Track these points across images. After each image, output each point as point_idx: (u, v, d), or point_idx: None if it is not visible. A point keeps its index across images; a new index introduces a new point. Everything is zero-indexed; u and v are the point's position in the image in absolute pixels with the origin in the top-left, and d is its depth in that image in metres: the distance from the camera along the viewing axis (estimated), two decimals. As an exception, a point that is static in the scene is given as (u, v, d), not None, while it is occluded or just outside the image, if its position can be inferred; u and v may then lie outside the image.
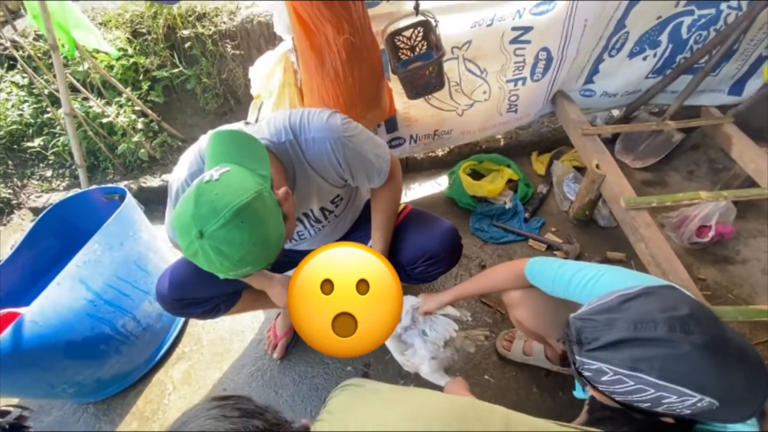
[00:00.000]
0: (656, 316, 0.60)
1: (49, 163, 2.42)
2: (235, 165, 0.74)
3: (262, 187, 0.73)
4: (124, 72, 2.26)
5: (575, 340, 0.66)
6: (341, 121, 0.91)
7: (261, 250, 0.71)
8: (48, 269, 1.59)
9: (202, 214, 0.67)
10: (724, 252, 1.65)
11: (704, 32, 1.72)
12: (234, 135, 0.81)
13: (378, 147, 1.00)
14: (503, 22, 1.49)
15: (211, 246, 0.68)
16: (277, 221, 0.74)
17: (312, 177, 0.95)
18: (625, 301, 0.64)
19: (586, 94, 1.94)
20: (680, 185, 1.92)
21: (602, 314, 0.65)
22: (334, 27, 1.08)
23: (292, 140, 0.89)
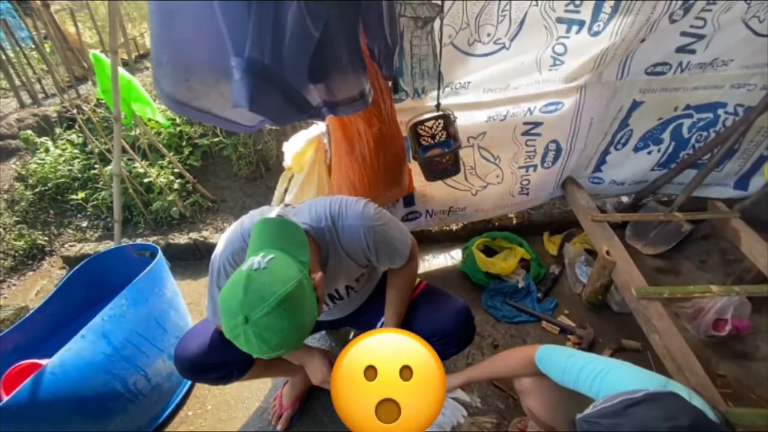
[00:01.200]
0: (658, 426, 0.62)
1: (87, 214, 2.60)
2: (279, 251, 0.82)
3: (302, 274, 0.80)
4: (169, 138, 2.50)
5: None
6: (374, 211, 1.02)
7: (297, 335, 0.77)
8: (72, 319, 1.65)
9: (250, 302, 0.74)
10: (742, 347, 1.61)
11: (705, 132, 1.84)
12: (279, 223, 0.90)
13: (402, 233, 1.10)
14: (515, 117, 1.66)
15: (254, 332, 0.74)
16: (313, 307, 0.81)
17: (343, 258, 1.04)
18: (629, 406, 0.66)
19: (595, 182, 2.05)
20: (693, 274, 1.93)
21: (607, 418, 0.66)
22: (365, 122, 1.23)
23: (330, 226, 0.99)
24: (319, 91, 0.69)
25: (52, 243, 2.52)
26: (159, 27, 0.56)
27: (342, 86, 0.72)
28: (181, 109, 0.63)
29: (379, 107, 1.23)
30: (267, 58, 0.53)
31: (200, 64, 0.57)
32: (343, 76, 0.69)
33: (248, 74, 0.52)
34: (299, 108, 0.66)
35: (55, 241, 2.53)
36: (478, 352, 1.67)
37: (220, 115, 0.69)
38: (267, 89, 0.55)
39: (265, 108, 0.57)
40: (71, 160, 2.67)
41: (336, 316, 1.28)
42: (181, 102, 0.62)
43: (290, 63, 0.55)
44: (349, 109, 0.77)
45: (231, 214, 2.50)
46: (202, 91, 0.61)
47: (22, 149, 2.85)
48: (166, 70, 0.60)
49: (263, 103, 0.55)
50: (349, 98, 0.76)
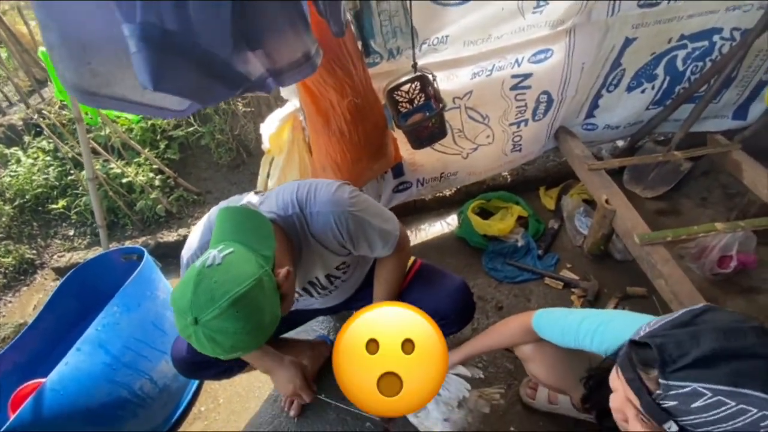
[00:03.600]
0: (741, 326, 0.55)
1: (72, 222, 2.52)
2: (239, 245, 0.76)
3: (263, 271, 0.74)
4: (143, 134, 2.39)
5: (658, 361, 0.57)
6: (348, 195, 0.93)
7: (253, 338, 0.72)
8: (68, 332, 1.62)
9: (199, 302, 0.69)
10: (749, 282, 1.59)
11: (700, 63, 1.75)
12: (241, 212, 0.83)
13: (385, 221, 1.00)
14: (502, 71, 1.55)
15: (205, 333, 0.69)
16: (273, 306, 0.75)
17: (316, 247, 0.96)
18: (696, 316, 0.59)
19: (589, 128, 1.97)
20: (694, 213, 1.89)
21: (680, 328, 0.58)
22: (337, 92, 1.14)
23: (299, 213, 0.91)
24: (260, 58, 0.60)
25: (42, 255, 2.46)
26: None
27: (282, 49, 0.61)
28: (91, 100, 0.54)
29: (350, 74, 1.14)
30: (168, 23, 0.43)
31: (99, 41, 0.47)
32: (280, 37, 0.59)
33: (145, 44, 0.42)
34: (230, 82, 0.56)
35: (44, 253, 2.47)
36: (483, 316, 1.65)
37: (140, 101, 0.59)
38: (175, 62, 0.45)
39: (177, 86, 0.47)
40: (45, 169, 2.56)
41: (332, 303, 1.24)
42: (89, 91, 0.53)
43: (203, 27, 0.45)
44: (296, 75, 0.68)
45: (217, 205, 2.42)
46: (109, 74, 0.52)
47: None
48: (60, 53, 0.49)
49: (173, 79, 0.46)
50: (293, 62, 0.66)
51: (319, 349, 1.54)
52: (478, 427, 1.21)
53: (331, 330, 1.73)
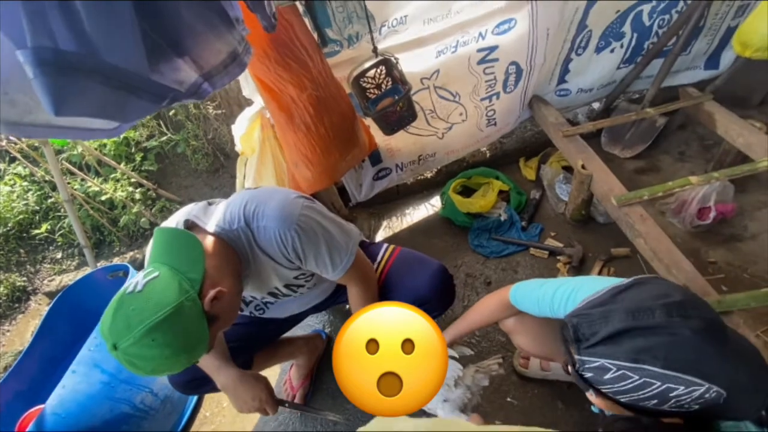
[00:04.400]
0: (652, 304, 0.59)
1: (58, 245, 2.51)
2: (166, 267, 0.76)
3: (185, 296, 0.74)
4: (116, 148, 2.35)
5: (573, 338, 0.64)
6: (299, 212, 0.90)
7: (175, 362, 0.73)
8: (64, 356, 1.62)
9: (117, 329, 0.70)
10: (730, 230, 1.61)
11: (666, 16, 1.72)
12: (172, 234, 0.83)
13: (335, 242, 0.96)
14: (467, 46, 1.53)
15: (125, 358, 0.71)
16: (197, 330, 0.76)
17: (265, 260, 0.95)
18: (618, 293, 0.63)
19: (562, 94, 1.95)
20: (673, 168, 1.90)
21: (597, 308, 0.63)
22: (295, 86, 1.12)
23: (244, 227, 0.90)
24: (189, 64, 0.58)
25: (32, 281, 2.45)
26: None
27: (204, 52, 0.59)
28: (15, 130, 0.52)
29: (307, 67, 1.11)
30: (63, 43, 0.41)
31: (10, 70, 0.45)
32: (199, 39, 0.57)
33: (41, 69, 0.40)
34: (149, 95, 0.54)
35: (35, 278, 2.46)
36: (473, 293, 1.67)
37: (66, 125, 0.57)
38: (79, 83, 0.42)
39: (86, 107, 0.45)
40: (24, 194, 2.53)
41: (312, 304, 1.24)
42: (11, 122, 0.51)
43: (105, 42, 0.43)
44: (224, 77, 0.65)
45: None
46: (29, 102, 0.49)
47: (-30, 194, 2.69)
48: None
49: (81, 101, 0.43)
50: (219, 65, 0.64)
51: (315, 343, 1.56)
52: (479, 401, 1.24)
53: (325, 323, 1.75)
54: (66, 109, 0.42)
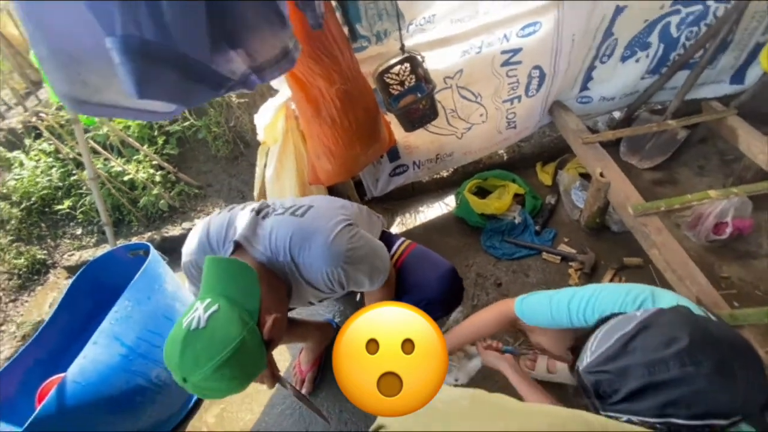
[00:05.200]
0: (664, 355, 0.60)
1: (79, 222, 2.57)
2: (224, 299, 0.80)
3: (247, 328, 0.79)
4: (140, 130, 2.41)
5: (594, 395, 0.65)
6: (345, 248, 0.93)
7: (241, 388, 0.81)
8: (83, 328, 1.68)
9: (186, 366, 0.76)
10: (745, 247, 1.61)
11: (695, 28, 1.72)
12: (226, 265, 0.87)
13: (376, 269, 1.02)
14: (492, 47, 1.54)
15: (195, 389, 0.77)
16: (259, 359, 0.82)
17: (306, 287, 1.01)
18: (627, 343, 0.64)
19: (584, 101, 1.95)
20: (692, 181, 1.89)
21: (611, 363, 0.64)
22: (325, 79, 1.14)
23: (289, 261, 0.95)
24: (242, 56, 0.62)
25: (52, 255, 2.52)
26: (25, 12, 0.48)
27: (260, 47, 0.63)
28: (83, 109, 0.57)
29: (337, 61, 1.14)
30: (147, 33, 0.45)
31: (86, 52, 0.49)
32: (257, 35, 0.60)
33: (128, 55, 0.45)
34: (211, 83, 0.58)
35: (55, 252, 2.53)
36: (483, 293, 1.69)
37: (130, 107, 0.61)
38: (158, 69, 0.47)
39: (162, 92, 0.49)
40: (48, 170, 2.60)
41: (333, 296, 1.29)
42: (80, 100, 0.55)
43: (180, 33, 0.47)
44: (275, 71, 0.69)
45: (219, 197, 2.46)
46: (100, 83, 0.54)
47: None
48: (51, 64, 0.52)
49: (158, 86, 0.48)
50: (272, 59, 0.68)
51: (325, 330, 1.60)
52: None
53: (336, 313, 1.79)
54: (147, 93, 0.45)
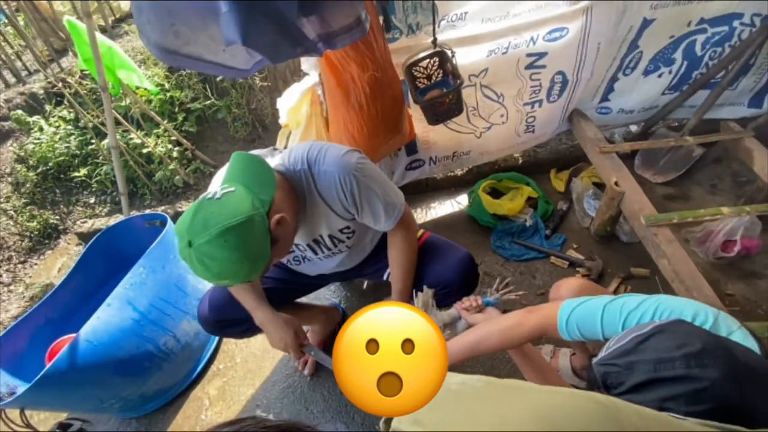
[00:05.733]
0: (672, 355, 0.63)
1: (93, 190, 2.61)
2: (241, 186, 0.83)
3: (256, 212, 0.81)
4: (161, 105, 2.44)
5: (602, 386, 0.68)
6: (356, 160, 0.98)
7: (239, 268, 0.80)
8: (95, 291, 1.71)
9: (195, 228, 0.78)
10: (751, 266, 1.63)
11: (719, 48, 1.74)
12: (249, 159, 0.91)
13: (388, 194, 1.04)
14: (518, 49, 1.56)
15: (196, 256, 0.78)
16: (262, 245, 0.82)
17: (321, 205, 1.02)
18: (640, 342, 0.67)
19: (603, 112, 1.98)
20: (703, 199, 1.91)
21: (622, 358, 0.67)
22: (358, 65, 1.17)
23: (306, 170, 0.97)
24: (313, 24, 0.65)
25: (64, 221, 2.56)
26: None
27: (336, 13, 0.67)
28: (171, 59, 0.60)
29: (371, 48, 1.17)
30: None
31: (184, 6, 0.53)
32: (337, 4, 0.64)
33: (236, 5, 0.48)
34: (294, 41, 0.61)
35: (67, 219, 2.57)
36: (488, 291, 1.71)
37: (213, 60, 0.65)
38: (258, 21, 0.51)
39: (259, 42, 0.53)
40: (67, 137, 2.63)
41: (343, 268, 1.30)
42: (171, 50, 0.59)
43: None
44: (346, 38, 0.72)
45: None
46: (190, 35, 0.58)
47: (16, 131, 2.81)
48: (148, 15, 0.56)
49: (256, 36, 0.52)
50: (346, 26, 0.71)
51: (332, 314, 1.62)
52: None
53: (342, 299, 1.81)
54: (249, 41, 0.49)
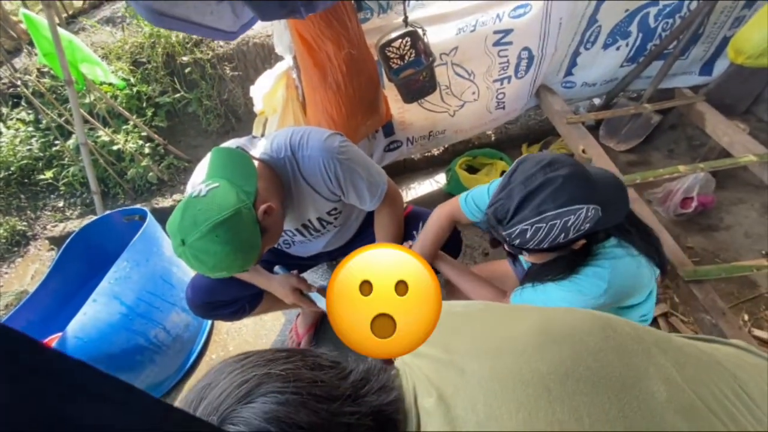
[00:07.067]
0: (534, 171, 0.77)
1: (61, 193, 2.51)
2: (225, 180, 0.85)
3: (242, 204, 0.83)
4: (128, 101, 2.36)
5: (496, 222, 0.82)
6: (339, 143, 1.00)
7: (233, 260, 0.83)
8: (76, 292, 1.68)
9: (185, 226, 0.80)
10: (708, 221, 1.77)
11: (670, 20, 1.85)
12: (229, 153, 0.92)
13: (372, 174, 1.07)
14: (485, 26, 1.62)
15: (191, 253, 0.81)
16: (252, 235, 0.85)
17: (306, 190, 1.04)
18: (510, 174, 0.82)
19: (568, 86, 2.07)
20: (663, 163, 2.05)
21: (501, 191, 0.81)
22: (334, 44, 1.19)
23: (290, 156, 0.99)
24: None
25: (33, 227, 2.46)
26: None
27: None
28: (159, 20, 0.61)
29: (346, 27, 1.19)
30: None
31: None
32: None
33: None
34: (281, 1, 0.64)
35: (35, 224, 2.47)
36: (471, 262, 1.79)
37: (200, 22, 0.66)
38: None
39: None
40: (28, 140, 2.52)
41: (330, 248, 1.33)
42: (159, 11, 0.59)
43: None
44: (326, 3, 0.75)
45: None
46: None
47: (-30, 136, 2.66)
48: None
49: None
50: None
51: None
52: None
53: (330, 281, 1.84)
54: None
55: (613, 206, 0.80)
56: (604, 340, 0.40)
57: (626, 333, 0.42)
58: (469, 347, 0.44)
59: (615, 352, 0.39)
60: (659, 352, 0.41)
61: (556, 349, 0.39)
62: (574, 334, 0.41)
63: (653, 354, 0.40)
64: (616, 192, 0.81)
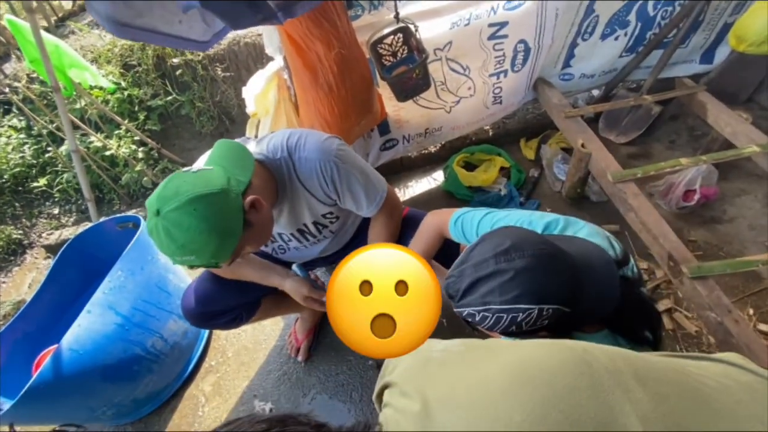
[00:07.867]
0: (487, 256, 0.70)
1: (55, 200, 2.49)
2: (219, 167, 0.83)
3: (231, 187, 0.79)
4: (119, 105, 2.33)
5: (449, 296, 0.77)
6: (337, 146, 0.98)
7: (206, 241, 0.76)
8: (72, 302, 1.66)
9: (165, 195, 0.75)
10: (711, 213, 1.74)
11: (669, 7, 1.80)
12: (232, 145, 0.91)
13: (369, 180, 1.04)
14: (480, 20, 1.58)
15: (163, 225, 0.74)
16: (233, 221, 0.79)
17: (302, 192, 1.02)
18: (471, 251, 0.75)
19: (566, 78, 2.03)
20: (663, 155, 2.01)
21: (456, 268, 0.75)
22: (324, 44, 1.16)
23: (286, 157, 0.97)
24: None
25: (29, 235, 2.44)
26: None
27: None
28: (123, 32, 0.58)
29: (335, 26, 1.15)
30: None
31: None
32: None
33: None
34: (255, 7, 0.60)
35: (31, 232, 2.45)
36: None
37: (169, 33, 0.63)
38: None
39: (218, 6, 0.52)
40: (20, 147, 2.49)
41: (328, 252, 1.31)
42: (123, 23, 0.56)
43: None
44: (306, 4, 0.71)
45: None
46: (143, 6, 0.55)
47: (-38, 145, 2.63)
48: None
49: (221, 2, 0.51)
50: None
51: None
52: None
53: (329, 284, 1.82)
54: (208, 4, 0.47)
55: (596, 301, 0.69)
56: (578, 377, 0.40)
57: (602, 366, 0.41)
58: (446, 396, 0.45)
59: (589, 391, 0.39)
60: (637, 385, 0.40)
61: (529, 393, 0.40)
62: (547, 376, 0.41)
63: (630, 389, 0.40)
64: (599, 283, 0.69)
